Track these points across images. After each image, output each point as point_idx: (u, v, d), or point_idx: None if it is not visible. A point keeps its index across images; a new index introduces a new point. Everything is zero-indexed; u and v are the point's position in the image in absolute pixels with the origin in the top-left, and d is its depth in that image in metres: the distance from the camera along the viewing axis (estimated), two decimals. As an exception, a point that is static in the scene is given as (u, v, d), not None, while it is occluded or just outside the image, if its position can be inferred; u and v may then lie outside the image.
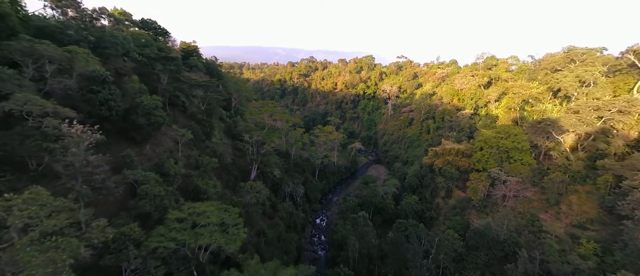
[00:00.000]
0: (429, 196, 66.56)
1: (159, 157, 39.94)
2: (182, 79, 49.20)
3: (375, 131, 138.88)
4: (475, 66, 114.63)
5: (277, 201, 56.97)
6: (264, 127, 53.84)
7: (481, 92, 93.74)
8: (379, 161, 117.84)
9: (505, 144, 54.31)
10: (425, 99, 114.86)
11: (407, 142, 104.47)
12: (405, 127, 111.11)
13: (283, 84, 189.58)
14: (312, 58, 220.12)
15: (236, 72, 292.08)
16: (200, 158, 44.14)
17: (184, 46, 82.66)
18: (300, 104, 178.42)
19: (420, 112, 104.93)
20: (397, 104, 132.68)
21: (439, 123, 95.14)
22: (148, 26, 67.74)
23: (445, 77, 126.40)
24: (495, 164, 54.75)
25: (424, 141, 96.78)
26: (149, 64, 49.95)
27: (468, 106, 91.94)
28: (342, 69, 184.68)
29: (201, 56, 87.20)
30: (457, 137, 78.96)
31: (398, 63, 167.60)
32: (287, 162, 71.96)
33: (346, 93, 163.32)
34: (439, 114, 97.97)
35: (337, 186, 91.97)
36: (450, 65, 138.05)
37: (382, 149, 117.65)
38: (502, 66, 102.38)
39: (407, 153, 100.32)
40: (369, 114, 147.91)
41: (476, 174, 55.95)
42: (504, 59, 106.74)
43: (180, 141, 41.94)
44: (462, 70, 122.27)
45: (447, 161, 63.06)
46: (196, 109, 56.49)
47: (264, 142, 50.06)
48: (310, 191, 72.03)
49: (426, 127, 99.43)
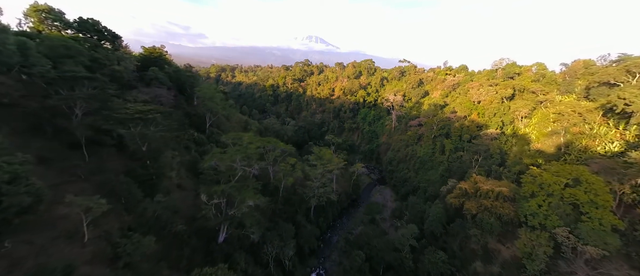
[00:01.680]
0: (457, 248, 50.37)
1: (46, 252, 23.07)
2: (110, 108, 32.10)
3: (377, 144, 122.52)
4: (493, 74, 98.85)
5: (256, 271, 40.24)
6: (232, 175, 36.81)
7: (506, 106, 77.89)
8: (383, 181, 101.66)
9: (574, 194, 38.28)
10: (435, 110, 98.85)
11: (417, 162, 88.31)
12: (413, 144, 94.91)
13: (276, 89, 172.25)
14: (308, 61, 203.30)
15: (228, 75, 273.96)
16: (127, 238, 27.23)
17: (146, 52, 65.12)
18: (295, 112, 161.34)
19: (432, 128, 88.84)
20: (402, 114, 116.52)
21: (457, 143, 79.13)
22: (87, 28, 50.23)
23: (456, 86, 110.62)
24: (558, 221, 38.75)
25: (438, 163, 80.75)
26: (54, 84, 32.45)
27: (492, 123, 75.97)
28: (340, 74, 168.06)
29: (168, 63, 69.76)
30: (486, 166, 62.98)
31: (401, 68, 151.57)
32: (274, 201, 55.20)
33: (344, 100, 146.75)
34: (456, 132, 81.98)
35: (337, 220, 75.59)
36: (460, 71, 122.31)
37: (387, 169, 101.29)
38: (526, 75, 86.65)
39: (418, 176, 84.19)
40: (370, 124, 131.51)
41: (530, 233, 39.89)
42: (528, 66, 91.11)
43: (84, 221, 24.97)
44: (476, 77, 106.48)
45: (484, 206, 47.00)
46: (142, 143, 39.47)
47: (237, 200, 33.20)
48: (304, 238, 55.40)
49: (440, 146, 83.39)
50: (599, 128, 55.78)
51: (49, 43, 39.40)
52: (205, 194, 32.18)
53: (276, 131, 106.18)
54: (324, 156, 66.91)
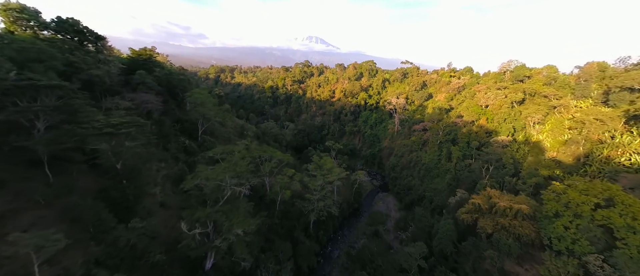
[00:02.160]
0: (470, 270, 45.76)
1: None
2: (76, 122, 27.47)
3: (379, 148, 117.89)
4: (500, 77, 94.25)
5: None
6: (221, 196, 31.89)
7: (516, 112, 73.25)
8: (385, 188, 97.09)
9: (608, 217, 33.69)
10: (440, 115, 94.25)
11: (421, 169, 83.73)
12: (418, 150, 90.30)
13: (275, 91, 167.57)
14: (308, 63, 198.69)
15: (227, 76, 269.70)
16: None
17: (134, 54, 60.67)
18: (294, 114, 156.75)
19: (437, 133, 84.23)
20: (405, 118, 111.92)
21: (465, 150, 74.52)
22: (66, 29, 45.72)
23: (461, 89, 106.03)
24: (589, 247, 34.16)
25: (445, 171, 76.18)
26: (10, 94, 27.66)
27: (503, 130, 71.33)
28: (340, 76, 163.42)
29: (160, 66, 65.36)
30: (498, 176, 58.40)
31: (403, 69, 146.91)
32: (270, 215, 50.68)
33: (345, 103, 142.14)
34: (463, 137, 77.40)
35: (338, 231, 71.03)
36: (465, 73, 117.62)
37: (390, 175, 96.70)
38: (537, 79, 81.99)
39: (423, 184, 79.63)
40: (372, 128, 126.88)
41: (556, 259, 35.31)
42: (538, 69, 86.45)
43: (35, 262, 20.50)
44: (482, 80, 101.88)
45: (501, 224, 42.43)
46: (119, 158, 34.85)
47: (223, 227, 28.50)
48: (302, 256, 50.85)
49: (447, 153, 78.79)
50: (622, 137, 51.16)
51: (16, 45, 34.92)
52: (187, 222, 27.62)
53: (275, 135, 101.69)
54: (325, 164, 62.28)
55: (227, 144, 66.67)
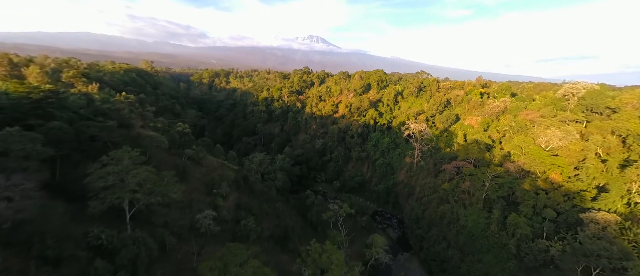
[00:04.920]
0: None
1: None
2: None
3: (393, 182, 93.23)
4: (562, 104, 68.89)
5: None
6: None
7: (613, 168, 48.24)
8: (405, 242, 72.85)
9: None
10: (480, 152, 69.36)
11: (461, 234, 59.25)
12: (453, 201, 65.61)
13: (269, 104, 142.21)
14: (307, 69, 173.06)
15: (222, 81, 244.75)
16: None
17: (13, 89, 35.93)
18: (291, 132, 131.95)
19: (482, 184, 59.44)
20: (428, 149, 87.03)
21: (533, 220, 49.97)
22: None
23: (500, 113, 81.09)
24: None
25: (499, 245, 51.79)
26: None
27: (602, 199, 46.24)
28: (344, 86, 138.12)
29: (66, 109, 40.68)
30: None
31: (419, 80, 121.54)
32: None
33: (351, 121, 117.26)
34: (526, 198, 52.77)
35: None
36: (502, 91, 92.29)
37: (413, 229, 72.27)
38: (629, 113, 56.69)
39: (466, 260, 55.20)
40: (384, 155, 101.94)
41: None
42: (626, 97, 61.26)
43: None
44: (531, 105, 76.67)
45: None
46: None
47: None
48: None
49: (500, 216, 54.24)
50: None
51: None
52: None
53: (262, 177, 77.26)
54: (324, 261, 37.57)
55: (177, 222, 42.12)
